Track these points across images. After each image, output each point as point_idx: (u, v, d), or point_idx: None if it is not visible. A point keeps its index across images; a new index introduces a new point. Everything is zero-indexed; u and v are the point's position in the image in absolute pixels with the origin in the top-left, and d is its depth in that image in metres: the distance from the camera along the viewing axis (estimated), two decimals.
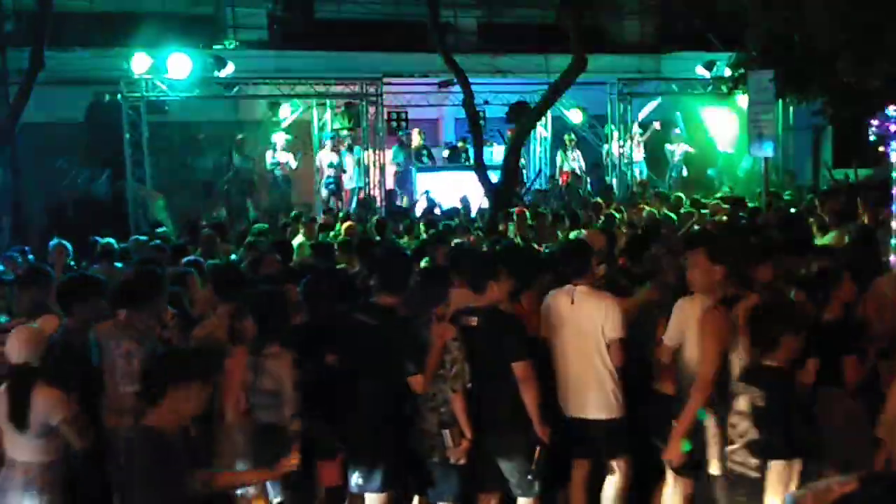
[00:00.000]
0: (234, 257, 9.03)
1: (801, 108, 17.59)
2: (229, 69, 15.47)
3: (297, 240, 10.46)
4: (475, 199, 15.46)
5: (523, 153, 17.59)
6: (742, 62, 15.99)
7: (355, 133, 17.43)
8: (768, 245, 6.36)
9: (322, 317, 5.69)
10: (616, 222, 10.96)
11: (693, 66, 18.39)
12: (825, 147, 20.93)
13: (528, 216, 11.66)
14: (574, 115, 18.83)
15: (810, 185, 17.55)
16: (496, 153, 17.40)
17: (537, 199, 16.42)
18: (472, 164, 15.93)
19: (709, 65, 17.95)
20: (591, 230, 9.22)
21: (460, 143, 18.55)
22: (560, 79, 14.88)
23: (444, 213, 13.89)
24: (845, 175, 17.29)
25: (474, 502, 5.41)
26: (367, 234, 10.70)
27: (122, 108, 14.93)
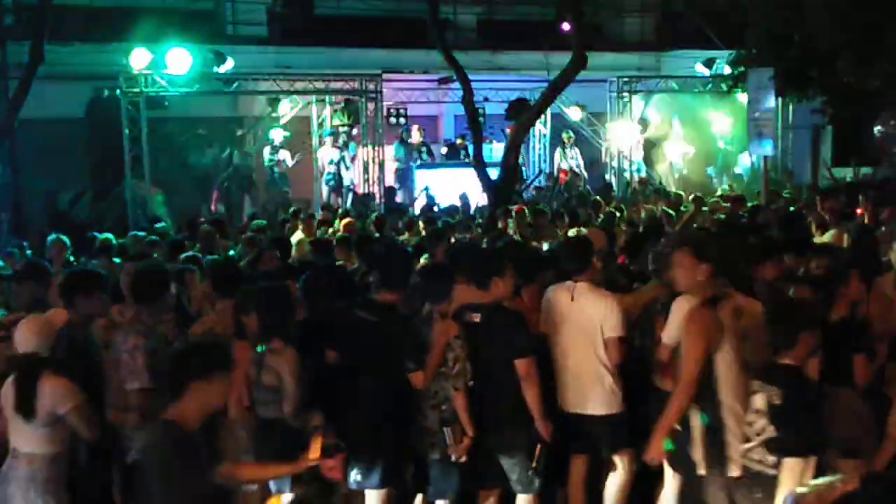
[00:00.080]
0: (231, 253, 9.01)
1: (800, 107, 17.59)
2: (229, 65, 15.45)
3: (296, 236, 10.44)
4: (474, 197, 15.44)
5: (522, 151, 17.57)
6: (742, 60, 15.99)
7: (353, 130, 17.41)
8: (771, 244, 6.36)
9: (321, 313, 5.69)
10: (616, 220, 10.96)
11: (693, 63, 18.39)
12: (824, 146, 20.94)
13: (528, 214, 11.64)
14: (573, 113, 18.82)
15: (809, 184, 17.55)
16: (496, 150, 17.39)
17: (537, 197, 16.41)
18: (471, 161, 15.92)
19: (709, 63, 17.95)
20: (591, 228, 9.22)
21: (459, 140, 18.54)
22: (560, 76, 14.86)
23: (444, 211, 13.87)
24: (844, 176, 17.31)
25: (474, 499, 5.42)
26: (366, 231, 10.68)
27: (122, 104, 14.91)
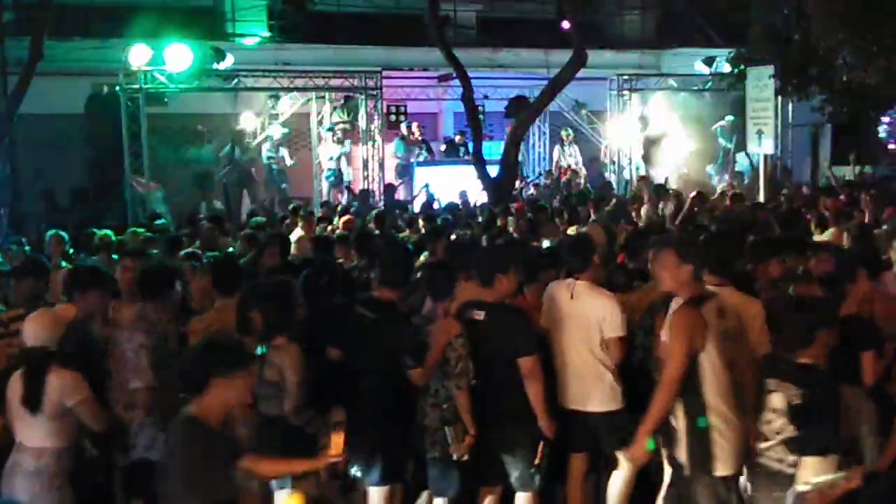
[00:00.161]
0: (231, 250, 9.00)
1: (799, 105, 17.59)
2: (228, 61, 15.43)
3: (296, 234, 10.43)
4: (474, 194, 15.43)
5: (522, 148, 17.56)
6: (742, 58, 15.99)
7: (351, 127, 17.40)
8: (777, 243, 6.35)
9: (321, 311, 5.68)
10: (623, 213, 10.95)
11: (693, 62, 18.38)
12: (824, 144, 20.95)
13: (527, 211, 11.63)
14: (572, 111, 18.81)
15: (809, 182, 17.55)
16: (495, 148, 17.37)
17: (537, 194, 16.40)
18: (471, 158, 15.91)
19: (709, 61, 17.93)
20: (591, 225, 9.21)
21: (458, 137, 18.52)
22: (560, 74, 14.85)
23: (445, 208, 13.85)
24: (844, 174, 17.29)
25: (475, 497, 5.41)
26: (366, 228, 10.66)
27: (121, 100, 14.88)
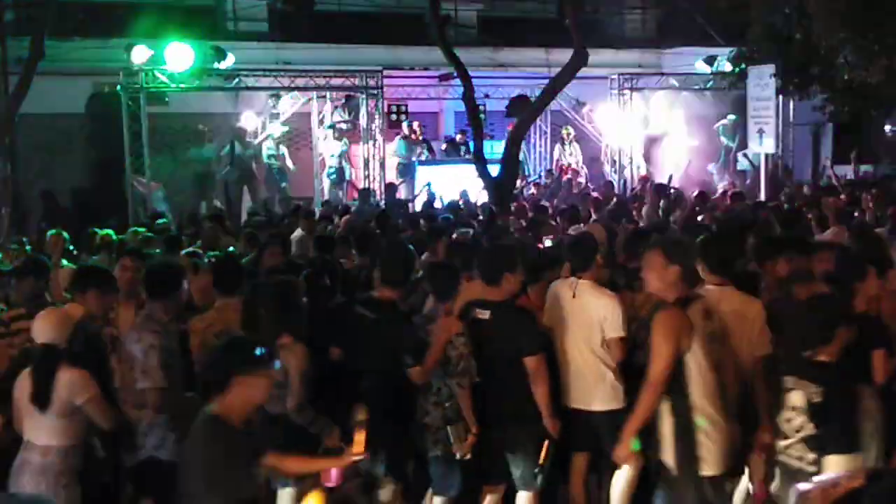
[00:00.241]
0: (231, 249, 9.00)
1: (801, 104, 17.57)
2: (229, 61, 15.42)
3: (297, 233, 10.42)
4: (475, 193, 15.43)
5: (523, 147, 17.54)
6: (743, 57, 15.97)
7: (352, 126, 17.39)
8: (783, 242, 6.35)
9: (322, 310, 5.69)
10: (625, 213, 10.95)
11: (694, 61, 18.36)
12: (825, 143, 20.93)
13: (528, 210, 11.64)
14: (573, 110, 18.79)
15: (810, 182, 17.54)
16: (496, 147, 17.36)
17: (538, 194, 16.39)
18: (472, 157, 15.89)
19: (710, 60, 17.91)
20: (591, 224, 9.21)
21: (458, 136, 18.50)
22: (560, 73, 14.85)
23: (447, 207, 13.82)
24: (845, 173, 17.28)
25: (477, 496, 5.42)
26: (367, 228, 10.65)
27: (122, 100, 14.87)
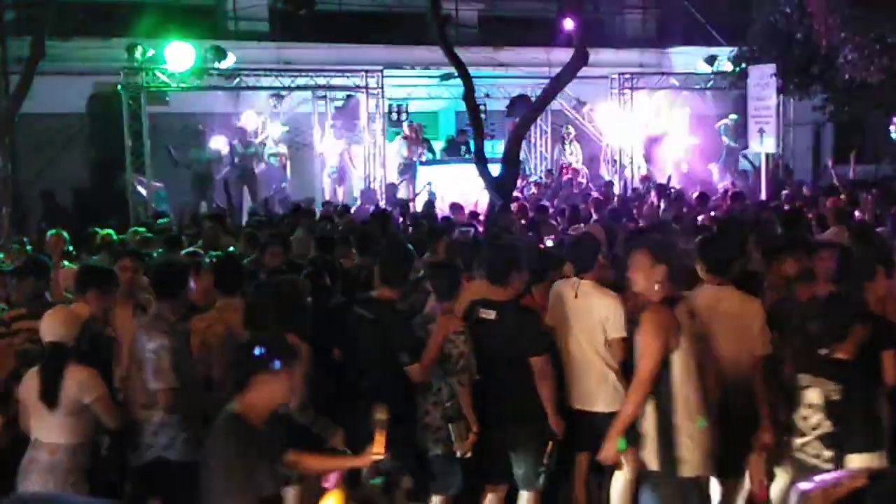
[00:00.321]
0: (232, 249, 9.00)
1: (801, 104, 17.56)
2: (230, 60, 15.42)
3: (297, 233, 10.40)
4: (475, 193, 15.43)
5: (524, 147, 17.52)
6: (743, 57, 15.96)
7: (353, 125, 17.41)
8: (789, 241, 6.35)
9: (322, 310, 5.69)
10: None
11: (695, 60, 18.35)
12: (825, 143, 20.93)
13: (528, 210, 11.64)
14: (574, 109, 18.79)
15: (810, 181, 17.53)
16: (497, 147, 17.34)
17: (538, 193, 16.38)
18: (472, 157, 15.87)
19: (710, 59, 17.90)
20: (590, 225, 9.21)
21: (458, 136, 18.49)
22: (561, 72, 14.83)
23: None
24: (845, 173, 17.27)
25: (478, 495, 5.42)
26: (367, 228, 10.65)
27: (123, 99, 14.87)
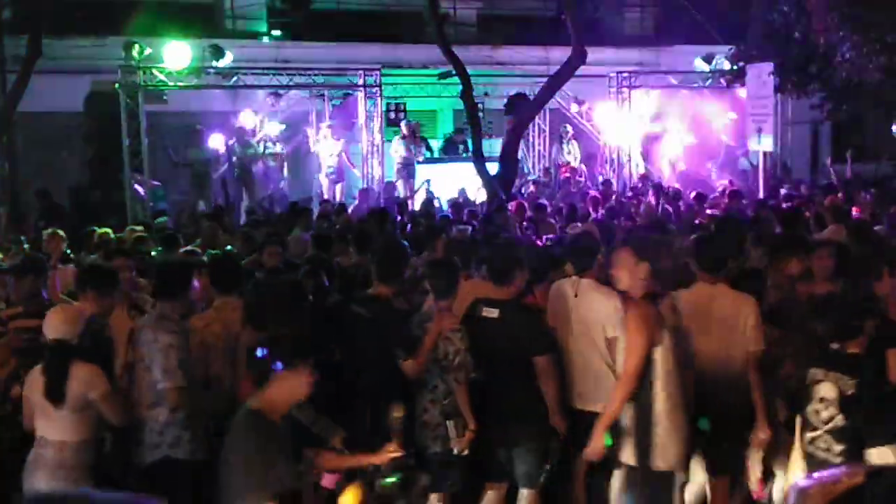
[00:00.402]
0: (229, 248, 9.00)
1: (799, 103, 17.56)
2: (228, 59, 15.41)
3: (294, 232, 10.41)
4: (473, 192, 15.42)
5: (522, 145, 17.52)
6: (742, 55, 15.96)
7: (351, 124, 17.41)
8: (798, 241, 6.37)
9: (319, 309, 5.70)
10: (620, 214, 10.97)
11: (693, 59, 18.34)
12: (823, 142, 20.93)
13: (526, 209, 11.63)
14: (572, 108, 18.78)
15: (808, 180, 17.55)
16: (495, 145, 17.33)
17: (536, 192, 16.37)
18: (470, 155, 15.88)
19: (708, 58, 17.90)
20: (586, 224, 9.21)
21: (457, 135, 18.48)
22: (559, 71, 14.84)
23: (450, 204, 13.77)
24: (843, 171, 17.28)
25: (478, 492, 5.41)
26: (364, 226, 10.65)
27: (120, 98, 14.86)
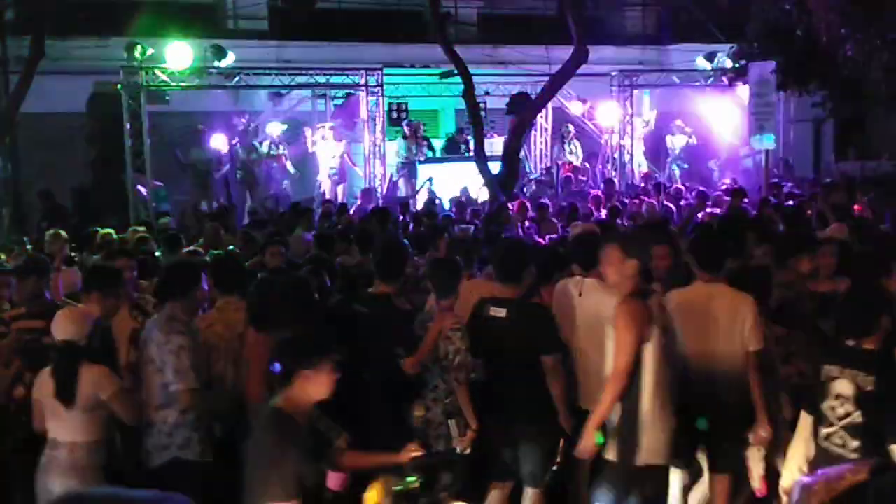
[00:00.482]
0: (231, 248, 9.01)
1: (801, 101, 17.55)
2: (230, 59, 15.42)
3: (296, 232, 10.42)
4: (474, 191, 15.43)
5: (523, 144, 17.53)
6: (743, 54, 15.95)
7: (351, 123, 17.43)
8: (808, 240, 6.35)
9: (321, 309, 5.70)
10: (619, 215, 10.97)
11: (694, 57, 18.33)
12: (826, 140, 20.92)
13: (528, 208, 11.64)
14: (574, 107, 18.78)
15: (812, 178, 17.53)
16: (496, 144, 17.33)
17: (538, 191, 16.39)
18: (472, 155, 15.89)
19: (710, 56, 17.88)
20: (585, 223, 9.21)
21: (458, 134, 18.48)
22: (561, 70, 14.84)
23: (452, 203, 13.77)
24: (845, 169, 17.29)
25: (480, 491, 5.41)
26: (367, 226, 10.67)
27: (122, 98, 14.86)
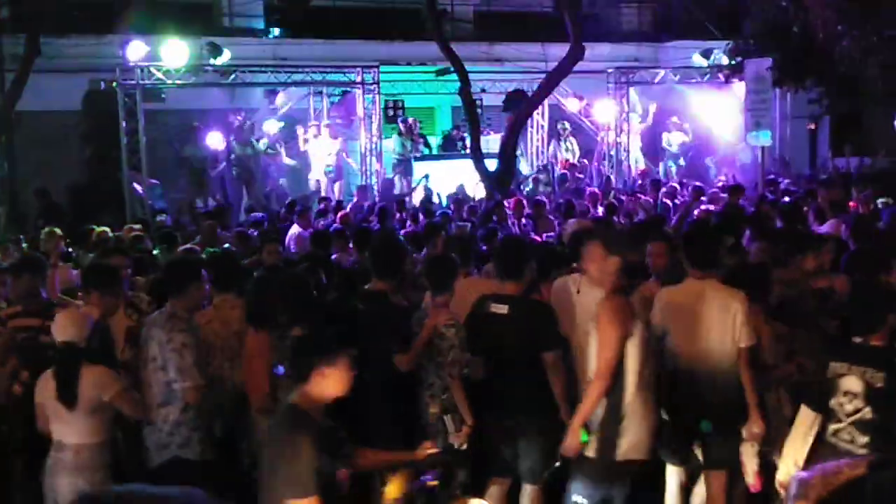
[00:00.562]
0: (227, 246, 9.00)
1: (798, 97, 17.56)
2: (225, 57, 15.40)
3: (293, 230, 10.42)
4: (471, 188, 15.42)
5: (520, 142, 17.52)
6: (740, 50, 15.96)
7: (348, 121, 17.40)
8: (812, 238, 6.35)
9: (320, 305, 5.70)
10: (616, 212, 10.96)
11: (690, 54, 18.33)
12: (822, 136, 20.92)
13: (525, 206, 11.63)
14: (570, 104, 18.78)
15: (808, 174, 17.53)
16: (493, 142, 17.33)
17: (535, 189, 16.38)
18: (468, 152, 15.89)
19: (706, 53, 17.88)
20: (579, 220, 9.21)
21: (455, 131, 18.47)
22: (557, 67, 14.83)
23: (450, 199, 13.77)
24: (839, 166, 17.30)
25: (481, 487, 5.40)
26: (363, 223, 10.68)
27: (118, 96, 14.82)
